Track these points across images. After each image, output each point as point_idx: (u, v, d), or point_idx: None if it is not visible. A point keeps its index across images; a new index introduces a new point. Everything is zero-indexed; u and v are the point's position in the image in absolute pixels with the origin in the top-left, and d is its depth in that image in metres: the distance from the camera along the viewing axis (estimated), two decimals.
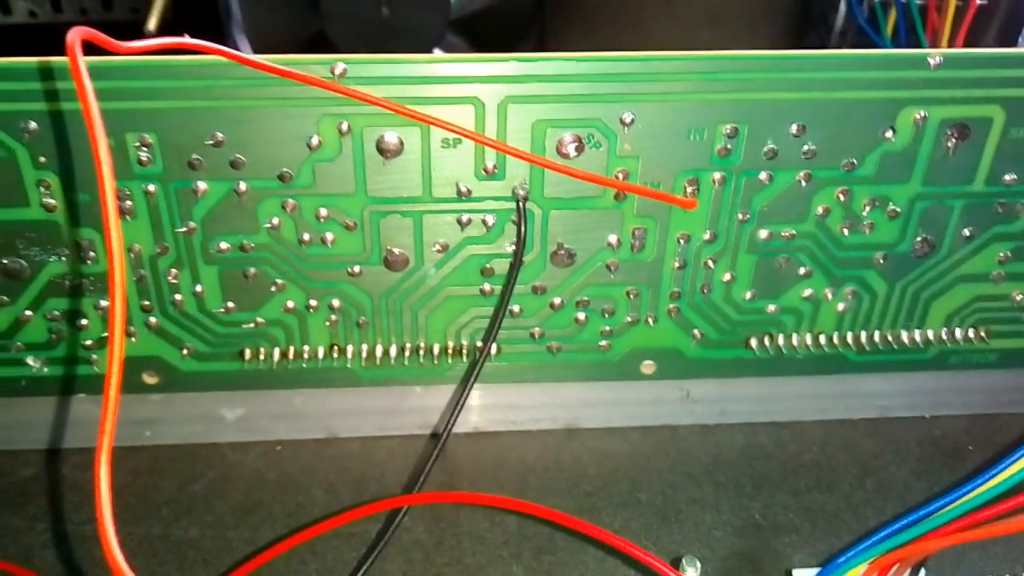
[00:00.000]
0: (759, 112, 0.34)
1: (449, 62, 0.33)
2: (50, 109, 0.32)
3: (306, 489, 0.39)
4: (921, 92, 0.34)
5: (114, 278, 0.21)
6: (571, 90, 0.34)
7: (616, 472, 0.40)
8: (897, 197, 0.36)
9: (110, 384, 0.20)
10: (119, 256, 0.21)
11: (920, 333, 0.40)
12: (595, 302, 0.39)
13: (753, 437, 0.42)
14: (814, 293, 0.39)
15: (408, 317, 0.38)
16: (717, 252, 0.37)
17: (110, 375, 0.20)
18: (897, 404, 0.43)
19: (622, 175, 0.35)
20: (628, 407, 0.43)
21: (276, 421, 0.41)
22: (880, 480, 0.40)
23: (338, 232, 0.36)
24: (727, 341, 0.40)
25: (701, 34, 0.62)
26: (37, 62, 0.31)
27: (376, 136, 0.34)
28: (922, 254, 0.38)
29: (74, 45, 0.23)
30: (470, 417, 0.42)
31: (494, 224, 0.36)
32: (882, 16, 0.58)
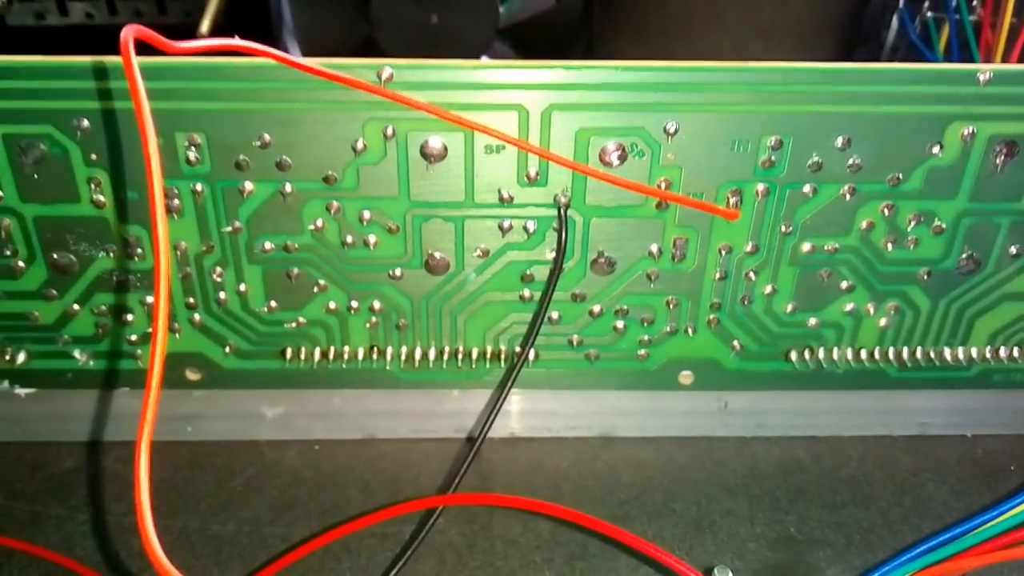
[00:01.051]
0: (804, 124, 0.34)
1: (494, 68, 0.33)
2: (103, 108, 0.32)
3: (342, 488, 0.40)
4: (970, 108, 0.34)
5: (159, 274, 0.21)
6: (615, 99, 0.34)
7: (651, 481, 0.40)
8: (943, 213, 0.36)
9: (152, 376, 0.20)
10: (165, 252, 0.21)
11: (963, 351, 0.40)
12: (634, 311, 0.39)
13: (790, 451, 0.42)
14: (856, 308, 0.39)
15: (447, 321, 0.38)
16: (759, 264, 0.37)
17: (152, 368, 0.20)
18: (938, 422, 0.43)
19: (665, 184, 0.35)
20: (664, 417, 0.43)
21: (315, 420, 0.42)
22: (918, 498, 0.40)
23: (381, 235, 0.36)
24: (766, 354, 0.40)
25: (749, 48, 0.61)
26: (91, 61, 0.31)
27: (420, 141, 0.34)
28: (967, 271, 0.38)
29: (127, 43, 0.24)
30: (507, 422, 0.42)
31: (535, 231, 0.36)
32: (935, 32, 0.58)
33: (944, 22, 0.58)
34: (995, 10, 0.55)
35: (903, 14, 0.58)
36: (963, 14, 0.56)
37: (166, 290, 0.20)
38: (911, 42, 0.58)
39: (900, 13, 0.59)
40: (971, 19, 0.56)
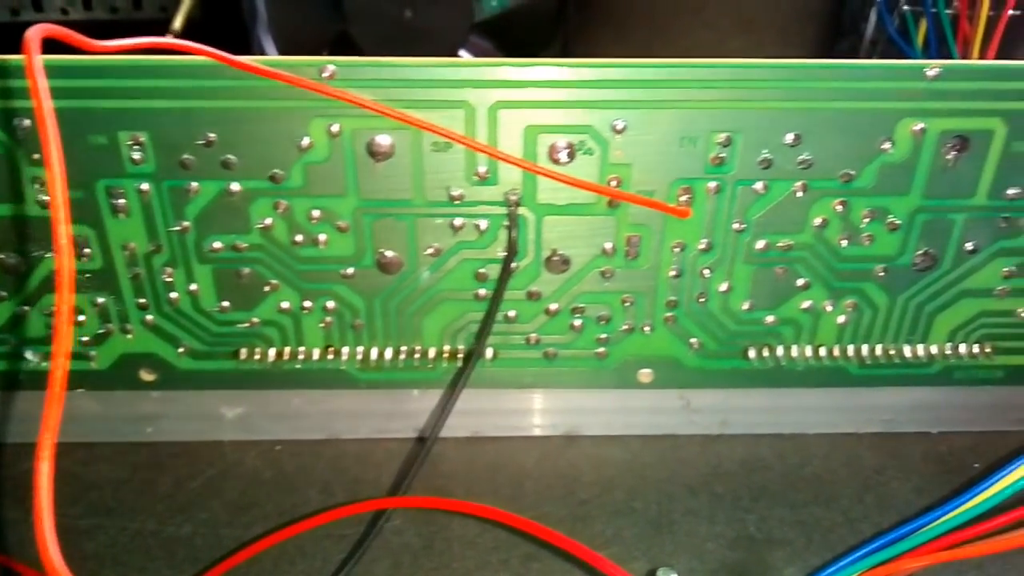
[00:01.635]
0: (753, 121, 0.34)
1: (439, 66, 0.32)
2: None
3: (301, 489, 0.40)
4: (919, 104, 0.34)
5: (61, 277, 0.21)
6: (562, 96, 0.33)
7: (613, 480, 0.40)
8: (897, 209, 0.36)
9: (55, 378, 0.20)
10: (68, 255, 0.21)
11: (923, 348, 0.40)
12: (591, 309, 0.38)
13: (755, 449, 0.42)
14: (813, 305, 0.38)
15: (403, 320, 0.38)
16: (713, 261, 0.37)
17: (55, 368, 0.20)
18: (903, 419, 0.43)
19: (615, 182, 0.35)
20: (629, 416, 0.42)
21: (275, 421, 0.41)
22: (880, 496, 0.40)
23: (331, 234, 0.36)
24: (725, 351, 0.40)
25: (731, 42, 0.61)
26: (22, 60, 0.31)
27: (367, 139, 0.34)
28: (924, 268, 0.37)
29: (30, 43, 0.23)
30: (470, 421, 0.42)
31: (487, 229, 0.36)
32: (913, 26, 0.57)
33: (922, 15, 0.57)
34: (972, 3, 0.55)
35: (881, 7, 0.58)
36: (940, 8, 0.55)
37: (68, 287, 0.20)
38: (889, 36, 0.58)
39: (878, 6, 0.58)
40: (948, 12, 0.56)
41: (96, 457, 0.41)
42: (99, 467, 0.41)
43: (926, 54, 0.57)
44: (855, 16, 0.60)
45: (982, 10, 0.54)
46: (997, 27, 0.55)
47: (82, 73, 0.32)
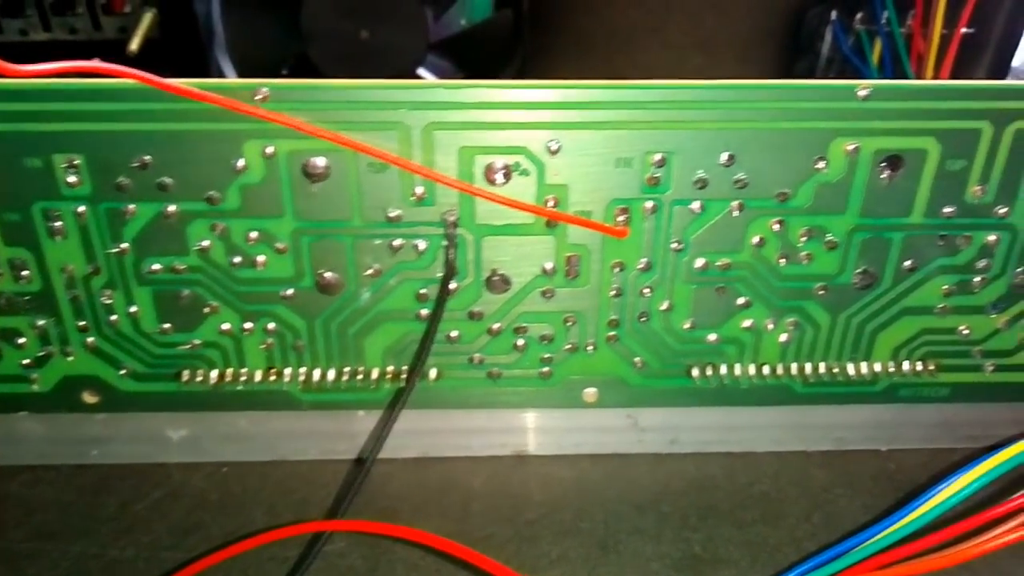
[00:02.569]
0: (687, 141, 0.34)
1: (373, 88, 0.33)
2: None
3: (247, 511, 0.40)
4: (852, 123, 0.34)
5: None
6: (496, 118, 0.33)
7: (561, 500, 0.40)
8: (834, 228, 0.36)
9: None
10: None
11: (867, 366, 0.40)
12: (533, 328, 0.38)
13: (704, 467, 0.42)
14: (755, 323, 0.38)
15: (345, 341, 0.38)
16: (653, 281, 0.37)
17: None
18: (854, 436, 0.43)
19: (552, 202, 0.35)
20: (579, 435, 0.43)
21: (222, 442, 0.41)
22: (828, 514, 0.40)
23: (269, 255, 0.36)
24: (669, 370, 0.40)
25: (691, 60, 0.62)
26: None
27: (302, 160, 0.33)
28: (863, 286, 0.37)
29: None
30: (417, 442, 0.42)
31: (426, 249, 0.36)
32: (868, 45, 0.58)
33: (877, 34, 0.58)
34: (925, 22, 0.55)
35: (836, 27, 0.58)
36: (893, 27, 0.56)
37: None
38: (844, 54, 0.58)
39: (833, 26, 0.58)
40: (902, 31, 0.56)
41: (41, 480, 0.41)
42: (44, 490, 0.40)
43: (881, 72, 0.57)
44: (812, 35, 0.60)
45: (935, 28, 0.54)
46: (951, 45, 0.55)
47: (15, 97, 0.32)
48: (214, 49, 0.57)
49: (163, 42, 0.57)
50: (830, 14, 0.59)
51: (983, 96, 0.34)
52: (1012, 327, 0.39)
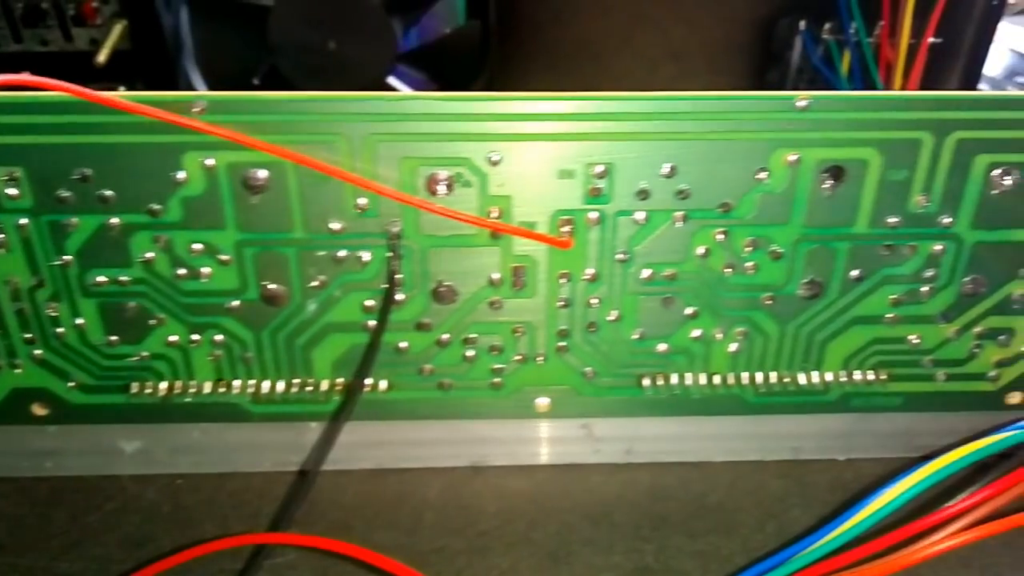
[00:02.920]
0: (628, 152, 0.34)
1: (313, 100, 0.33)
2: None
3: (199, 523, 0.40)
4: (792, 134, 0.34)
5: None
6: (437, 129, 0.34)
7: (515, 511, 0.40)
8: (779, 238, 0.36)
9: None
10: None
11: (818, 375, 0.40)
12: (482, 339, 0.39)
13: (660, 477, 0.42)
14: (703, 333, 0.39)
15: (292, 353, 0.38)
16: (600, 291, 0.37)
17: None
18: (810, 446, 0.43)
19: (496, 213, 0.35)
20: (535, 445, 0.43)
21: (176, 454, 0.41)
22: (782, 524, 0.39)
23: (213, 267, 0.36)
24: (620, 380, 0.40)
25: (662, 70, 0.62)
26: None
27: (242, 172, 0.34)
28: (810, 296, 0.38)
29: None
30: (373, 453, 0.42)
31: (370, 261, 0.36)
32: (837, 54, 0.58)
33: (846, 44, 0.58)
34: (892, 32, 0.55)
35: (805, 37, 0.58)
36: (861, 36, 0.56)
37: None
38: (813, 65, 0.58)
39: (802, 36, 0.58)
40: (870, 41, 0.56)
41: None
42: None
43: (851, 82, 0.57)
44: (782, 45, 0.60)
45: (902, 38, 0.54)
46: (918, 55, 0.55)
47: None
48: (183, 60, 0.57)
49: (134, 54, 0.57)
50: (799, 24, 0.58)
51: (922, 106, 0.34)
52: (962, 336, 0.39)
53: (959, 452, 0.34)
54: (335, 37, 0.53)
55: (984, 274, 0.38)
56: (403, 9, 0.55)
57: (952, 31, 0.58)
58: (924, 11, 0.56)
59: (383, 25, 0.53)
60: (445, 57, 0.58)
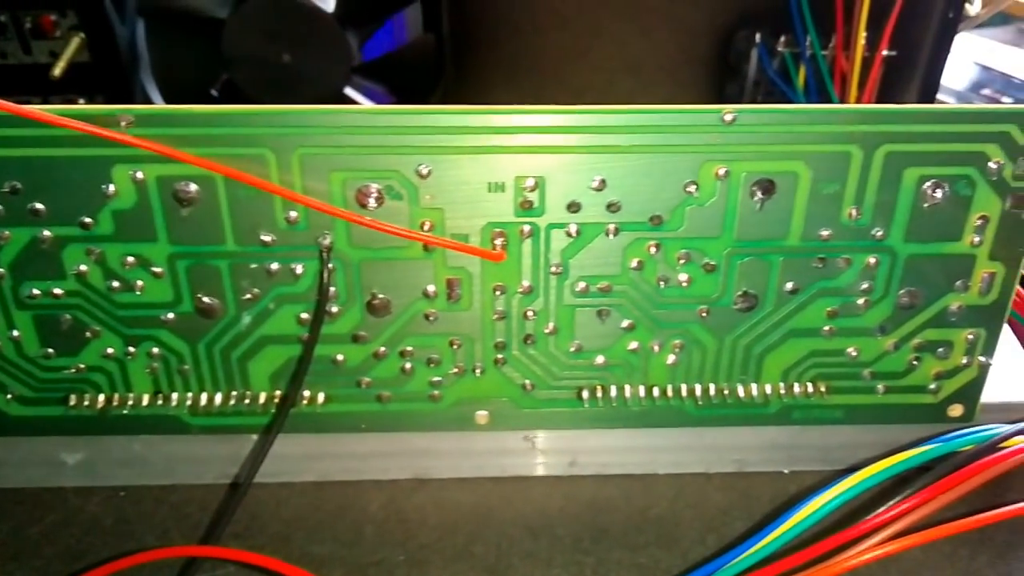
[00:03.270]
0: (557, 165, 0.34)
1: (242, 113, 0.33)
2: None
3: (140, 536, 0.40)
4: (720, 148, 0.34)
5: None
6: (366, 142, 0.34)
7: (456, 524, 0.40)
8: (711, 251, 0.36)
9: None
10: None
11: (757, 387, 0.40)
12: (419, 352, 0.39)
13: (603, 490, 0.42)
14: (640, 346, 0.38)
15: (229, 365, 0.38)
16: (536, 303, 0.37)
17: None
18: (753, 459, 0.43)
19: (428, 226, 0.35)
20: (478, 458, 0.43)
21: (118, 467, 0.42)
22: (723, 537, 0.40)
23: (147, 280, 0.36)
24: (559, 393, 0.40)
25: (622, 83, 0.62)
26: None
27: (172, 185, 0.34)
28: (745, 308, 0.38)
29: None
30: (316, 465, 0.42)
31: (303, 273, 0.36)
32: (792, 67, 0.58)
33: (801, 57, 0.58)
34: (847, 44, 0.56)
35: (761, 50, 0.59)
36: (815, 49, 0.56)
37: None
38: (769, 77, 0.58)
39: (758, 48, 0.59)
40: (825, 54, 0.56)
41: None
42: None
43: (806, 95, 0.57)
44: (739, 58, 0.60)
45: (856, 51, 0.55)
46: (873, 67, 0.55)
47: None
48: (139, 73, 0.57)
49: (93, 66, 0.57)
50: (755, 37, 0.59)
51: (849, 120, 0.34)
52: (900, 349, 0.39)
53: (880, 465, 0.34)
54: (290, 50, 0.54)
55: (920, 287, 0.38)
56: (358, 22, 0.55)
57: (909, 44, 0.59)
58: (879, 24, 0.56)
59: (337, 38, 0.53)
60: (402, 70, 0.58)
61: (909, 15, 0.56)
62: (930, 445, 0.36)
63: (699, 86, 0.63)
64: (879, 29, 0.55)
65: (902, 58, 0.58)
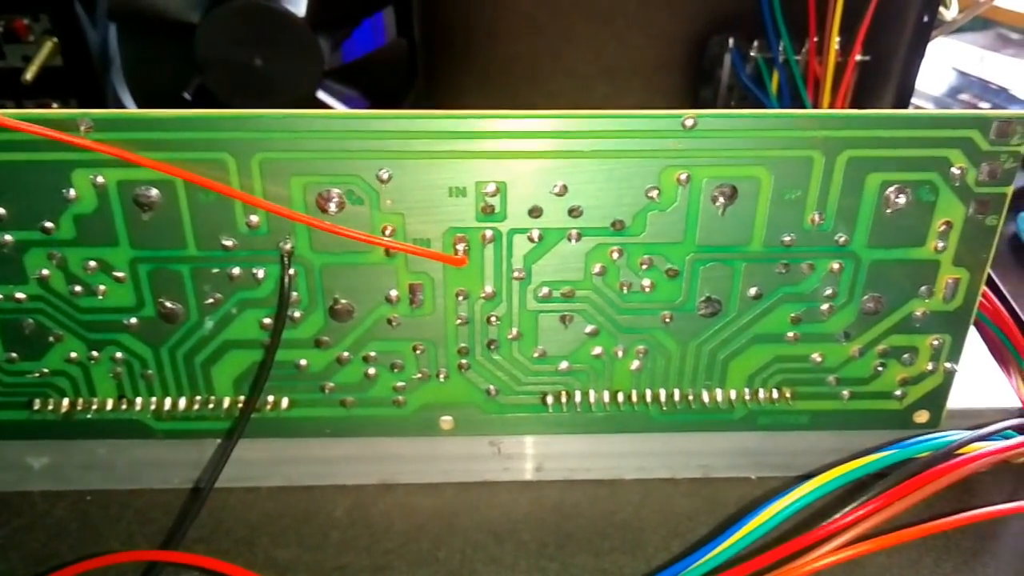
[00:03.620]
0: (519, 170, 0.34)
1: (201, 117, 0.33)
2: None
3: (105, 540, 0.40)
4: (681, 153, 0.35)
5: None
6: (326, 146, 0.34)
7: (421, 529, 0.40)
8: (674, 256, 0.36)
9: None
10: None
11: (722, 393, 0.40)
12: (382, 357, 0.38)
13: (569, 495, 0.42)
14: (604, 351, 0.38)
15: (192, 370, 0.38)
16: (499, 309, 0.37)
17: None
18: (720, 464, 0.43)
19: (389, 230, 0.35)
20: (444, 463, 0.43)
21: (85, 471, 0.42)
22: (687, 542, 0.40)
23: (109, 284, 0.36)
24: (523, 398, 0.40)
25: (597, 88, 0.62)
26: None
27: (132, 189, 0.34)
28: (709, 314, 0.38)
29: None
30: (282, 470, 0.42)
31: (265, 278, 0.36)
32: (766, 72, 0.58)
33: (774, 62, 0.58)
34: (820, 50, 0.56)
35: (734, 55, 0.59)
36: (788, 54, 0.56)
37: None
38: (743, 82, 0.58)
39: (731, 54, 0.59)
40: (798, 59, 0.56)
41: None
42: None
43: (780, 100, 0.57)
44: (713, 63, 0.60)
45: (829, 56, 0.55)
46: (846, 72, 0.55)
47: None
48: (111, 77, 0.57)
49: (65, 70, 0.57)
50: (729, 42, 0.59)
51: (809, 125, 0.34)
52: (865, 355, 0.39)
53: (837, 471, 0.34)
54: (261, 54, 0.54)
55: (884, 292, 0.38)
56: (330, 26, 0.55)
57: (883, 49, 0.59)
58: (852, 29, 0.56)
59: (309, 42, 0.53)
60: (375, 74, 0.58)
61: (883, 20, 0.56)
62: (888, 451, 0.36)
63: (674, 91, 0.63)
64: (852, 34, 0.55)
65: (876, 63, 0.58)
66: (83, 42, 0.55)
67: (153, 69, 0.56)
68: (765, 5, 0.56)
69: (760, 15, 0.57)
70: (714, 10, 0.59)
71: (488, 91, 0.62)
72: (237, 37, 0.53)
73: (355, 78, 0.58)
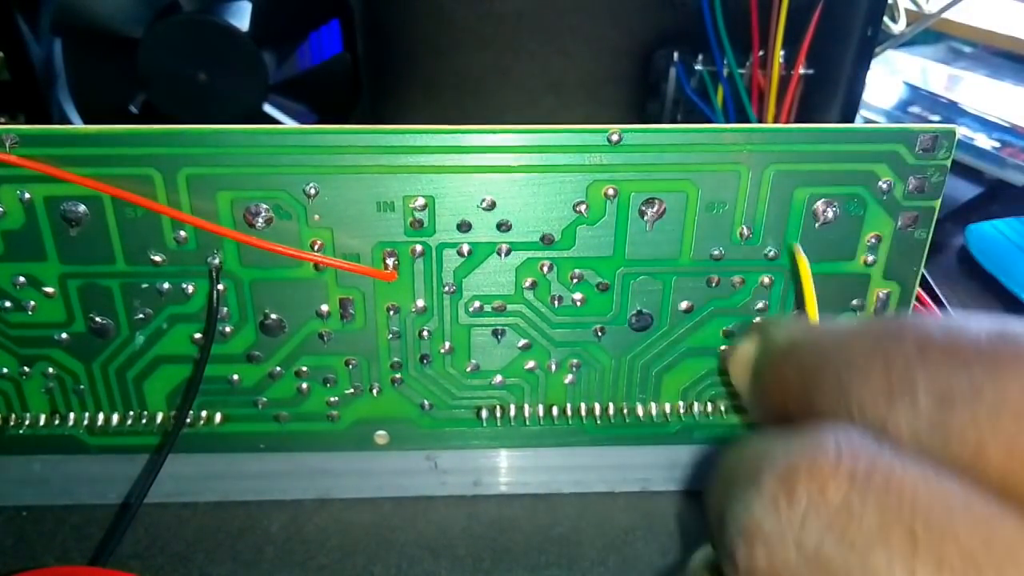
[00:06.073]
0: (446, 185, 0.34)
1: (127, 133, 0.33)
2: None
3: (39, 556, 0.39)
4: (607, 167, 0.35)
5: None
6: (252, 161, 0.34)
7: (357, 544, 0.40)
8: (603, 270, 0.36)
9: None
10: None
11: (656, 407, 0.40)
12: (314, 372, 0.38)
13: (507, 509, 0.42)
14: (537, 365, 0.38)
15: (124, 385, 0.38)
16: (430, 323, 0.37)
17: None
18: (659, 478, 0.43)
19: (318, 245, 0.35)
20: (380, 478, 0.42)
21: (20, 486, 0.41)
22: (624, 557, 0.40)
23: (39, 300, 0.36)
24: (457, 412, 0.40)
25: (543, 102, 0.62)
26: None
27: (59, 205, 0.34)
28: (640, 327, 0.38)
29: None
30: (218, 485, 0.42)
31: (194, 293, 0.36)
32: (711, 85, 0.58)
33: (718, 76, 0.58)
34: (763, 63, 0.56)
35: (679, 69, 0.59)
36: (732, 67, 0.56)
37: None
38: (687, 96, 0.59)
39: (676, 67, 0.59)
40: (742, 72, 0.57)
41: None
42: None
43: (725, 113, 0.57)
44: (659, 76, 0.61)
45: (773, 70, 0.55)
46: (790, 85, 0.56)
47: None
48: (56, 91, 0.56)
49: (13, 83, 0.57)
50: (673, 55, 0.59)
51: (734, 140, 0.34)
52: None
53: None
54: (205, 69, 0.53)
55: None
56: (275, 41, 0.55)
57: (827, 62, 0.59)
58: (797, 42, 0.56)
59: (253, 57, 0.53)
60: (321, 88, 0.58)
61: (827, 33, 0.56)
62: None
63: (621, 104, 0.63)
64: (797, 47, 0.55)
65: (821, 76, 0.59)
66: (26, 57, 0.55)
67: (98, 84, 0.56)
68: (708, 19, 0.56)
69: (704, 29, 0.57)
70: (659, 24, 0.60)
71: (435, 106, 0.62)
72: (180, 52, 0.53)
73: (301, 92, 0.58)
